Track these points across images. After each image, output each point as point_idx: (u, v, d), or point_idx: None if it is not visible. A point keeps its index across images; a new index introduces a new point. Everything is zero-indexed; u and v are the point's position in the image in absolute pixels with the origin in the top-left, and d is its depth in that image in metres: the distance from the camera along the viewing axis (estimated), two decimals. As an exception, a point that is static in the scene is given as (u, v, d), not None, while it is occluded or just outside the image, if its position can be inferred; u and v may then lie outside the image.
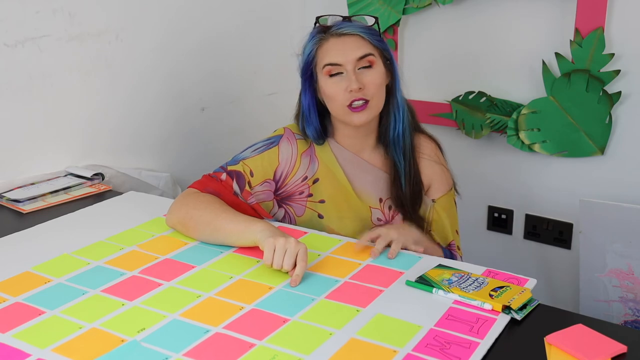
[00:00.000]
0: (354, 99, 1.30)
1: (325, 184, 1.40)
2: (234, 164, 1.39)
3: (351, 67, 1.30)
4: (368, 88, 1.31)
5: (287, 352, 0.91)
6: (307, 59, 1.35)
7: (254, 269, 1.17)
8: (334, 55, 1.31)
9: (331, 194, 1.40)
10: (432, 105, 2.18)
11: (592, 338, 0.93)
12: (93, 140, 1.82)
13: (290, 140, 1.41)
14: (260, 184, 1.38)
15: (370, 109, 1.32)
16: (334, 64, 1.31)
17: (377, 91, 1.32)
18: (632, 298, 1.84)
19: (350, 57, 1.30)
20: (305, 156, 1.41)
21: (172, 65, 1.99)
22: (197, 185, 1.37)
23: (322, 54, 1.33)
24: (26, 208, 1.53)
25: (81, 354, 0.91)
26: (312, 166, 1.41)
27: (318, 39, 1.34)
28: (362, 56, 1.31)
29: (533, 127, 1.98)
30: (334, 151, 1.41)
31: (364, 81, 1.30)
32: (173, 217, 1.33)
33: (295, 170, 1.40)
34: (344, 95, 1.30)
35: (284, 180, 1.40)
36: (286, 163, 1.40)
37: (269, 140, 1.42)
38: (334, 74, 1.32)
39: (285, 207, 1.42)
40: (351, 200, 1.40)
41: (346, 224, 1.39)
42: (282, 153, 1.40)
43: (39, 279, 1.13)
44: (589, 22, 1.81)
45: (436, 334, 0.95)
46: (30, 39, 1.63)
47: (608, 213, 1.80)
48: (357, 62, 1.31)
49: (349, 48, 1.31)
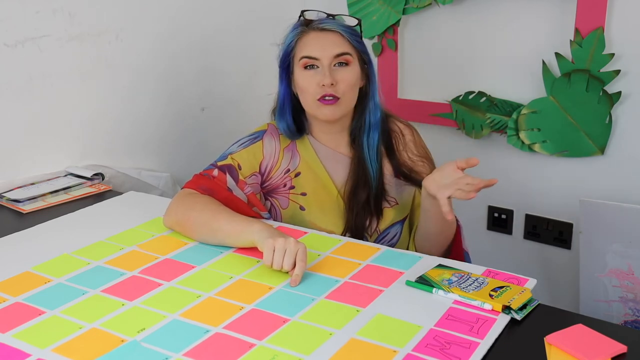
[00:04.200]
0: (325, 94, 1.32)
1: (307, 178, 1.42)
2: (223, 159, 1.40)
3: (327, 62, 1.33)
4: (340, 85, 1.33)
5: (287, 352, 0.91)
6: (287, 49, 1.38)
7: (253, 269, 1.17)
8: (312, 48, 1.34)
9: (312, 187, 1.42)
10: (432, 105, 2.18)
11: (592, 338, 0.93)
12: (93, 140, 1.82)
13: (273, 135, 1.44)
14: (249, 177, 1.40)
15: (339, 105, 1.34)
16: (310, 57, 1.33)
17: (348, 90, 1.34)
18: (632, 298, 1.84)
19: (327, 53, 1.32)
20: (288, 151, 1.43)
21: (171, 65, 1.99)
22: (190, 185, 1.38)
23: (301, 46, 1.36)
24: (26, 208, 1.53)
25: (81, 354, 0.91)
26: (294, 160, 1.43)
27: (299, 31, 1.37)
28: (339, 53, 1.33)
29: (533, 127, 1.98)
30: (314, 147, 1.43)
31: (337, 78, 1.33)
32: (170, 219, 1.33)
33: (279, 164, 1.42)
34: (316, 89, 1.33)
35: (269, 174, 1.42)
36: (270, 157, 1.42)
37: (253, 135, 1.44)
38: (308, 66, 1.34)
39: (272, 200, 1.44)
40: (331, 194, 1.42)
41: (327, 217, 1.41)
42: (266, 147, 1.42)
43: (39, 279, 1.13)
44: (589, 22, 1.81)
45: (436, 334, 0.95)
46: (30, 39, 1.63)
47: (608, 213, 1.80)
48: (334, 58, 1.33)
49: (328, 44, 1.33)
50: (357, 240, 1.31)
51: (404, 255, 1.23)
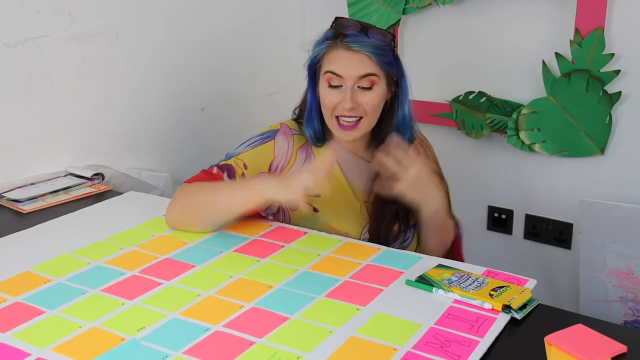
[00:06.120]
0: (344, 114, 1.32)
1: None
2: (226, 159, 1.40)
3: (351, 84, 1.31)
4: (361, 108, 1.32)
5: (287, 349, 0.91)
6: (314, 60, 1.37)
7: (253, 268, 1.17)
8: (337, 66, 1.31)
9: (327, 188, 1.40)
10: (432, 105, 2.18)
11: (592, 338, 0.93)
12: (93, 140, 1.82)
13: (286, 135, 1.42)
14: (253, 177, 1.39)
15: (359, 128, 1.34)
16: (335, 74, 1.32)
17: (371, 112, 1.33)
18: (632, 298, 1.84)
19: (353, 73, 1.30)
20: (302, 151, 1.41)
21: (172, 65, 1.99)
22: (189, 180, 1.38)
23: (328, 60, 1.33)
24: (26, 208, 1.53)
25: (81, 353, 0.91)
26: (308, 161, 1.41)
27: (328, 44, 1.34)
28: (364, 75, 1.31)
29: (533, 127, 1.98)
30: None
31: (360, 101, 1.32)
32: (172, 211, 1.33)
33: (291, 165, 1.40)
34: (336, 108, 1.33)
35: (279, 174, 1.40)
36: (282, 157, 1.40)
37: (264, 135, 1.42)
38: (333, 84, 1.33)
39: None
40: (347, 196, 1.41)
41: (341, 218, 1.40)
42: (278, 147, 1.40)
43: (39, 279, 1.13)
44: (589, 22, 1.81)
45: (436, 332, 0.95)
46: (30, 39, 1.63)
47: (608, 213, 1.80)
48: (358, 80, 1.31)
49: (354, 64, 1.31)
50: (357, 241, 1.31)
51: (403, 255, 1.23)
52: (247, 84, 2.26)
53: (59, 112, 1.73)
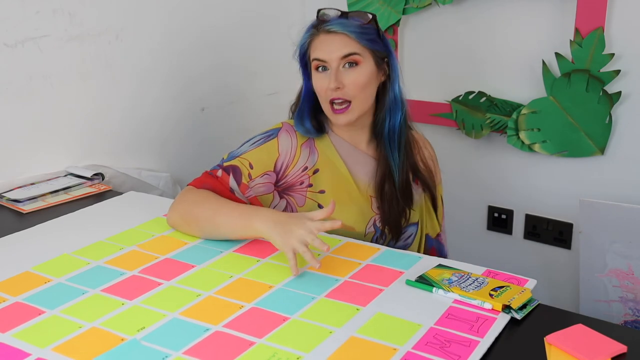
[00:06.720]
0: (334, 97, 1.33)
1: (326, 175, 1.41)
2: (231, 159, 1.40)
3: (335, 65, 1.33)
4: (349, 88, 1.33)
5: (287, 349, 0.91)
6: (301, 50, 1.40)
7: (253, 268, 1.17)
8: (320, 51, 1.35)
9: (331, 184, 1.41)
10: (432, 105, 2.18)
11: (592, 338, 0.93)
12: (93, 140, 1.82)
13: (289, 132, 1.42)
14: (260, 176, 1.38)
15: (352, 110, 1.35)
16: (320, 60, 1.34)
17: (359, 92, 1.34)
18: (632, 298, 1.84)
19: (334, 55, 1.33)
20: (305, 147, 1.42)
21: (172, 65, 1.99)
22: (195, 182, 1.38)
23: (312, 48, 1.37)
24: (26, 208, 1.53)
25: (81, 353, 0.91)
26: (312, 157, 1.42)
27: (311, 33, 1.38)
28: (346, 54, 1.33)
29: (533, 127, 1.98)
30: (334, 142, 1.43)
31: (345, 81, 1.33)
32: (174, 215, 1.33)
33: (296, 161, 1.41)
34: (326, 91, 1.34)
35: (284, 171, 1.40)
36: (286, 154, 1.40)
37: (267, 133, 1.43)
38: (320, 67, 1.35)
39: (287, 198, 1.42)
40: (351, 191, 1.41)
41: (347, 214, 1.40)
42: (282, 144, 1.40)
43: (39, 279, 1.13)
44: (589, 22, 1.81)
45: (436, 332, 0.95)
46: (30, 39, 1.63)
47: (608, 213, 1.80)
48: (342, 60, 1.33)
49: (335, 46, 1.33)
50: (357, 240, 1.31)
51: (403, 255, 1.23)
52: (247, 84, 2.26)
53: (59, 112, 1.73)
